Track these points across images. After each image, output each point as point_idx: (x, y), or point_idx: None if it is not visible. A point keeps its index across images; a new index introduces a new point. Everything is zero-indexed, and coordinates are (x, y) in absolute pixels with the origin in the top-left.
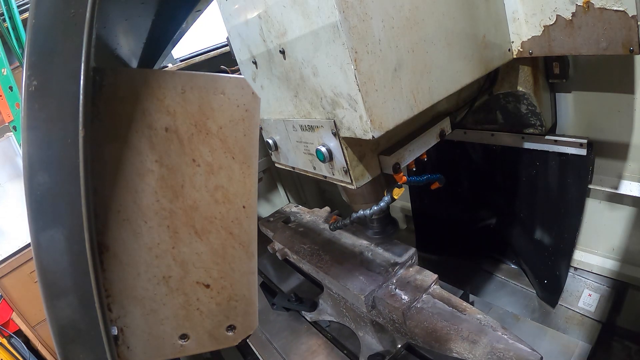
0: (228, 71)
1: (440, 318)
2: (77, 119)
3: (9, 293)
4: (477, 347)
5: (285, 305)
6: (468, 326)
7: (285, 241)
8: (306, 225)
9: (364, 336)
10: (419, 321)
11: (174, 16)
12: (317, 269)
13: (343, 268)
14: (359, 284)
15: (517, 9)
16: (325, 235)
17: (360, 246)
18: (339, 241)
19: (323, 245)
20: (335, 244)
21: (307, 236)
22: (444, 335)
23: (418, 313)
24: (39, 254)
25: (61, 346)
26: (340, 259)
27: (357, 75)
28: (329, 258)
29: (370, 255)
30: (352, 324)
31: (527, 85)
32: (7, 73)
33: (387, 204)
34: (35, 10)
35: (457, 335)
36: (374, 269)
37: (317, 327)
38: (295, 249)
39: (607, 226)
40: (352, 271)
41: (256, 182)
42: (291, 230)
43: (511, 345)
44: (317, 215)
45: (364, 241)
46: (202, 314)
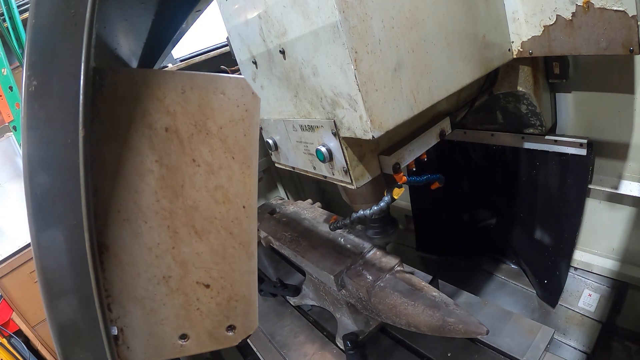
0: (228, 71)
1: (400, 295)
2: (77, 119)
3: (9, 293)
4: (431, 320)
5: (271, 290)
6: (424, 302)
7: (270, 230)
8: (289, 215)
9: (340, 318)
10: (382, 297)
11: (174, 16)
12: (296, 253)
13: (318, 252)
14: (330, 265)
15: (517, 9)
16: (305, 224)
17: (335, 234)
18: (316, 229)
19: (302, 233)
20: (313, 232)
21: (288, 225)
22: (403, 311)
23: (381, 291)
24: (39, 254)
25: (61, 346)
26: (316, 244)
27: (357, 75)
28: (306, 244)
29: (343, 241)
30: (330, 306)
31: (527, 85)
32: (7, 73)
33: (387, 204)
34: (35, 10)
35: (413, 310)
36: (345, 253)
37: (300, 311)
38: (277, 237)
39: (607, 226)
40: (325, 255)
41: (256, 182)
42: (275, 220)
43: (461, 319)
44: (299, 206)
45: (339, 230)
46: (202, 314)
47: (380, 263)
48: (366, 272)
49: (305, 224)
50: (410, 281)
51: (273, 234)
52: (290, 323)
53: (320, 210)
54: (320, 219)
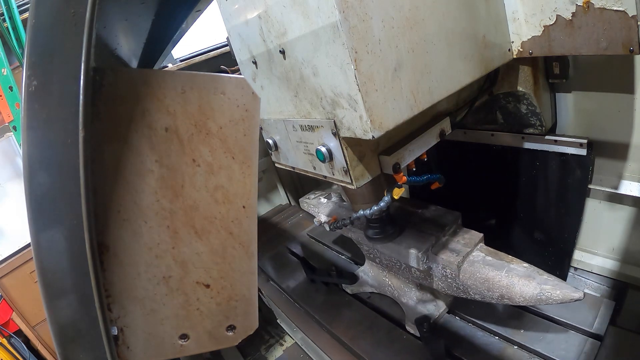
0: (228, 71)
1: (492, 268)
2: (77, 119)
3: (9, 293)
4: (527, 290)
5: (325, 279)
6: (517, 272)
7: (331, 213)
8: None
9: (407, 302)
10: (472, 273)
11: (174, 16)
12: (370, 237)
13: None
14: (413, 243)
15: (517, 9)
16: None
17: (407, 213)
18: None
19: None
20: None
21: (350, 209)
22: (497, 283)
23: (470, 265)
24: (39, 254)
25: (61, 346)
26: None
27: (357, 75)
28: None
29: (419, 219)
30: (394, 292)
31: (527, 85)
32: (7, 73)
33: (387, 204)
34: (35, 10)
35: (508, 281)
36: (425, 230)
37: (358, 298)
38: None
39: (607, 226)
40: (405, 234)
41: (256, 182)
42: (334, 204)
43: (557, 286)
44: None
45: (409, 207)
46: (202, 314)
47: (464, 239)
48: (452, 248)
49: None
50: (497, 255)
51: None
52: (349, 312)
53: None
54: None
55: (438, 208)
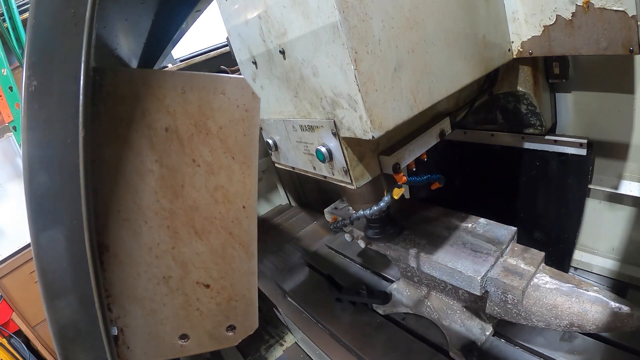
0: (228, 71)
1: (560, 293)
2: (77, 119)
3: (9, 293)
4: (601, 317)
5: (354, 299)
6: (588, 298)
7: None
8: None
9: (449, 325)
10: (537, 299)
11: (174, 16)
12: (414, 253)
13: (446, 251)
14: (470, 265)
15: (517, 9)
16: (410, 219)
17: (456, 228)
18: (428, 224)
19: (413, 229)
20: (426, 227)
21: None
22: (566, 310)
23: (536, 290)
24: (39, 254)
25: (61, 346)
26: (439, 242)
27: (357, 75)
28: (425, 242)
29: (471, 236)
30: (434, 313)
31: (527, 85)
32: (7, 73)
33: (387, 204)
34: (35, 10)
35: (579, 308)
36: (480, 250)
37: (391, 320)
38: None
39: (607, 226)
40: (457, 254)
41: (256, 182)
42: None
43: (631, 312)
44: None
45: (457, 222)
46: (202, 314)
47: (524, 258)
48: (513, 269)
49: (410, 219)
50: (563, 276)
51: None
52: (382, 335)
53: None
54: (428, 212)
55: (489, 222)
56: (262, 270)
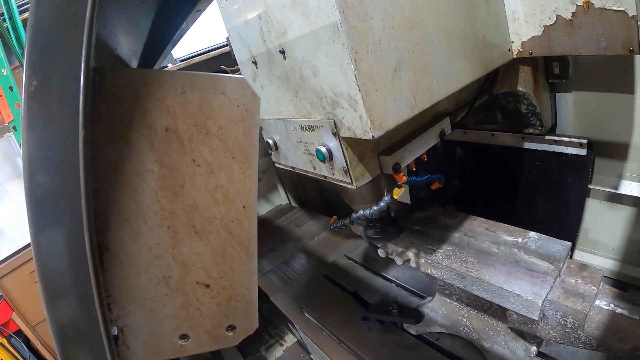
0: (228, 71)
1: (624, 315)
2: (77, 119)
3: (9, 293)
4: None
5: (383, 318)
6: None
7: (405, 243)
8: (421, 222)
9: (491, 347)
10: (600, 322)
11: (174, 16)
12: (464, 273)
13: (498, 271)
14: (527, 287)
15: (517, 9)
16: (453, 233)
17: (505, 244)
18: (474, 240)
19: (458, 246)
20: (472, 243)
21: (428, 236)
22: (632, 333)
23: (599, 313)
24: (39, 254)
25: (61, 346)
26: (488, 260)
27: (357, 75)
28: (473, 260)
29: (524, 253)
30: (473, 334)
31: (527, 85)
32: (7, 73)
33: (387, 204)
34: (35, 10)
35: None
36: (536, 269)
37: (424, 340)
38: (422, 253)
39: (607, 226)
40: (511, 274)
41: (256, 182)
42: (405, 229)
43: None
44: (427, 210)
45: (506, 236)
46: (202, 314)
47: (584, 277)
48: (572, 290)
49: (453, 233)
50: (624, 297)
51: (414, 250)
52: (416, 356)
53: (463, 215)
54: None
55: (540, 236)
56: (273, 281)
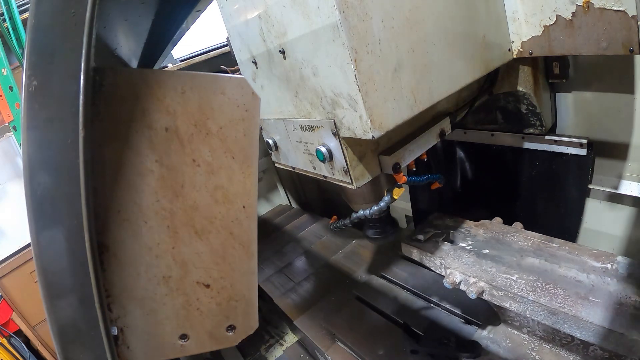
0: (228, 71)
1: None
2: (77, 119)
3: (9, 293)
4: None
5: (437, 351)
6: None
7: (476, 272)
8: (489, 244)
9: None
10: None
11: (174, 16)
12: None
13: (594, 305)
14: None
15: (517, 9)
16: (532, 258)
17: (594, 271)
18: (558, 267)
19: (541, 276)
20: (556, 270)
21: (502, 262)
22: None
23: None
24: (39, 254)
25: (61, 346)
26: (581, 292)
27: (357, 75)
28: (563, 293)
29: (617, 282)
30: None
31: (527, 85)
32: (7, 73)
33: (387, 204)
34: (35, 10)
35: None
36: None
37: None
38: (499, 283)
39: (607, 226)
40: (608, 307)
41: (256, 182)
42: (468, 253)
43: None
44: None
45: (594, 262)
46: (202, 314)
47: None
48: None
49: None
50: None
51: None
52: None
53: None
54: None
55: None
56: (297, 301)
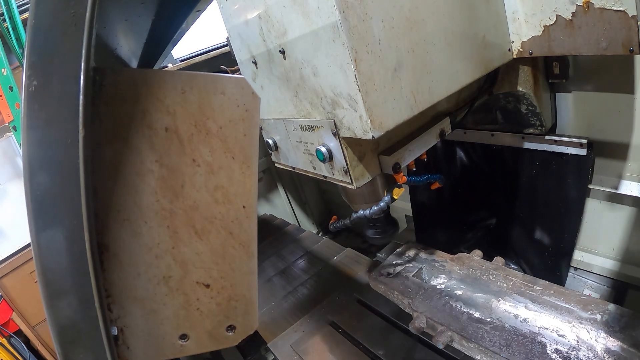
0: (228, 71)
1: None
2: (77, 119)
3: (9, 293)
4: None
5: None
6: None
7: (445, 318)
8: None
9: None
10: None
11: (174, 16)
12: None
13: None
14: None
15: (517, 9)
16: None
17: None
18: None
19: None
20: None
21: (476, 308)
22: None
23: None
24: (39, 254)
25: (61, 346)
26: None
27: (357, 75)
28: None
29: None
30: None
31: (527, 85)
32: (7, 73)
33: (387, 204)
34: (35, 10)
35: None
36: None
37: None
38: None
39: (607, 226)
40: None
41: (256, 182)
42: (441, 296)
43: None
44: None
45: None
46: (202, 314)
47: None
48: None
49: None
50: None
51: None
52: None
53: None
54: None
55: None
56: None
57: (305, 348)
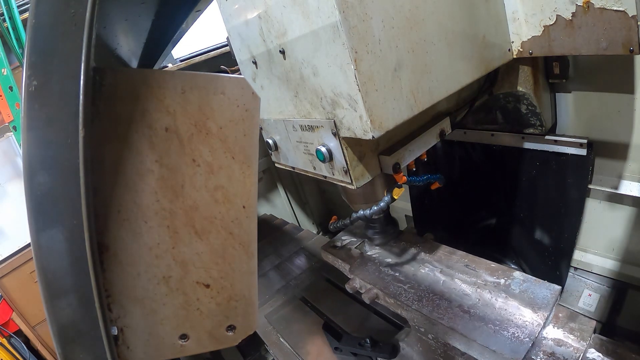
0: (228, 71)
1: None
2: (77, 119)
3: (9, 293)
4: None
5: (355, 350)
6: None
7: (374, 279)
8: (393, 255)
9: None
10: None
11: (174, 16)
12: (435, 320)
13: (474, 318)
14: (505, 342)
15: (517, 9)
16: (426, 272)
17: (485, 285)
18: (451, 279)
19: (431, 286)
20: (448, 283)
21: (400, 272)
22: None
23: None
24: (39, 254)
25: (61, 346)
26: (464, 304)
27: (357, 75)
28: (447, 304)
29: (504, 297)
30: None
31: (527, 85)
32: (7, 73)
33: (387, 204)
34: (35, 10)
35: None
36: (516, 319)
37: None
38: (391, 291)
39: (607, 226)
40: (487, 323)
41: (256, 182)
42: (374, 263)
43: None
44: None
45: (488, 277)
46: (202, 314)
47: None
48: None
49: (427, 272)
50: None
51: (382, 286)
52: None
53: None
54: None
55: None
56: None
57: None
